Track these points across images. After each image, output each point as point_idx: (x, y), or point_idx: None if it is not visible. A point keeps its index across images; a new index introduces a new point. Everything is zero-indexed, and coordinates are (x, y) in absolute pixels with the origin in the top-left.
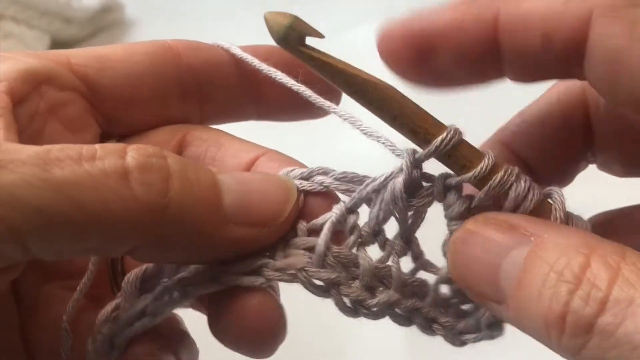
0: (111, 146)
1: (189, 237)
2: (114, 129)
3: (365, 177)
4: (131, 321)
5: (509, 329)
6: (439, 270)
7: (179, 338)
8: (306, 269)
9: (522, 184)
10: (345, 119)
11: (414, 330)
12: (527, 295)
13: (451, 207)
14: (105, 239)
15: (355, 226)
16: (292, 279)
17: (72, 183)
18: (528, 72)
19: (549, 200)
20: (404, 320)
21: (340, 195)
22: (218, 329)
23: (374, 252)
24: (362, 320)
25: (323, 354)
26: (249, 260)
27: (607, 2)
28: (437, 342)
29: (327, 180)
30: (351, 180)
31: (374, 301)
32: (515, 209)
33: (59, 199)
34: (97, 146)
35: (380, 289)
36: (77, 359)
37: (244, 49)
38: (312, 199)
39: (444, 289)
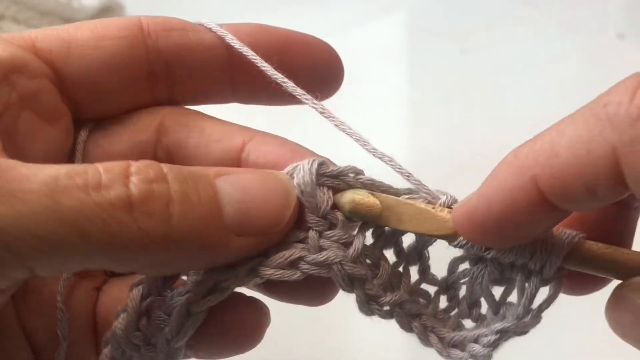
0: (115, 169)
1: (192, 254)
2: (84, 114)
3: (390, 187)
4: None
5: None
6: (438, 281)
7: None
8: (343, 262)
9: None
10: (322, 113)
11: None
12: None
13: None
14: (108, 264)
15: (383, 231)
16: (327, 272)
17: (80, 214)
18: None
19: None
20: (407, 324)
21: None
22: (200, 340)
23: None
24: (362, 322)
25: (323, 354)
26: (287, 252)
27: (623, 137)
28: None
29: (356, 184)
30: (378, 188)
31: (387, 299)
32: None
33: (66, 229)
34: (101, 169)
35: (391, 291)
36: (71, 337)
37: (226, 27)
38: None
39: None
